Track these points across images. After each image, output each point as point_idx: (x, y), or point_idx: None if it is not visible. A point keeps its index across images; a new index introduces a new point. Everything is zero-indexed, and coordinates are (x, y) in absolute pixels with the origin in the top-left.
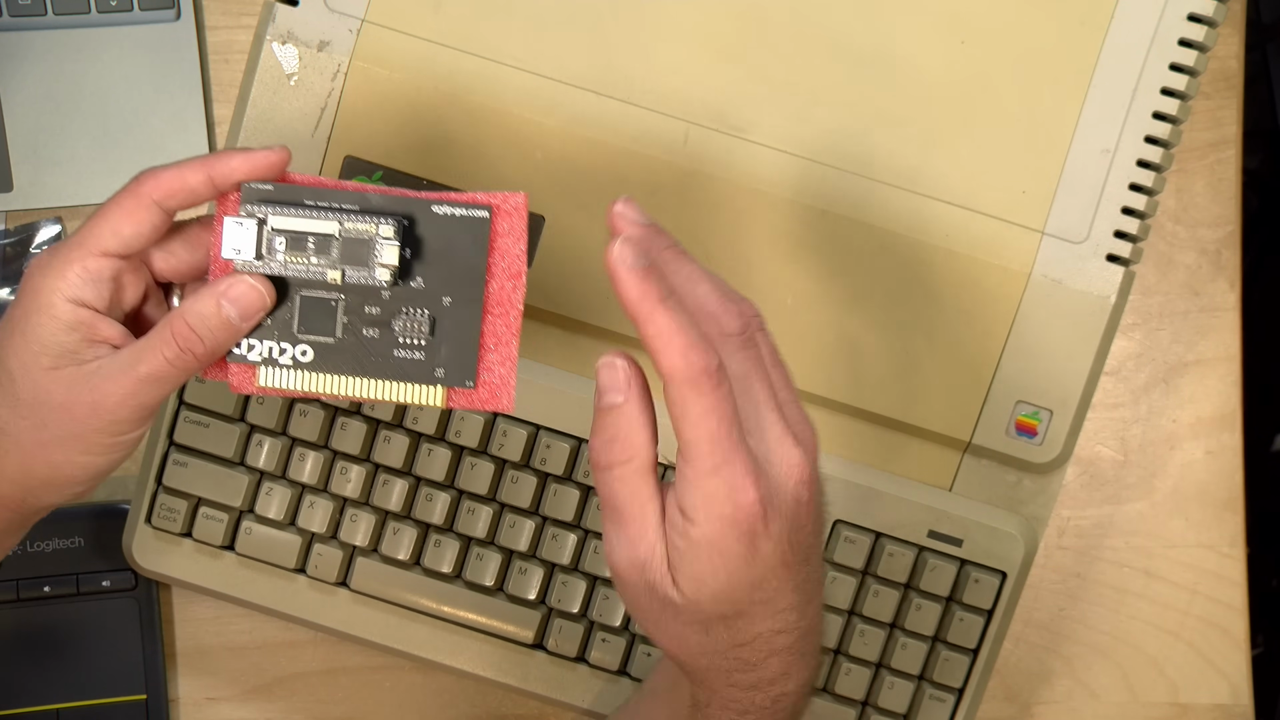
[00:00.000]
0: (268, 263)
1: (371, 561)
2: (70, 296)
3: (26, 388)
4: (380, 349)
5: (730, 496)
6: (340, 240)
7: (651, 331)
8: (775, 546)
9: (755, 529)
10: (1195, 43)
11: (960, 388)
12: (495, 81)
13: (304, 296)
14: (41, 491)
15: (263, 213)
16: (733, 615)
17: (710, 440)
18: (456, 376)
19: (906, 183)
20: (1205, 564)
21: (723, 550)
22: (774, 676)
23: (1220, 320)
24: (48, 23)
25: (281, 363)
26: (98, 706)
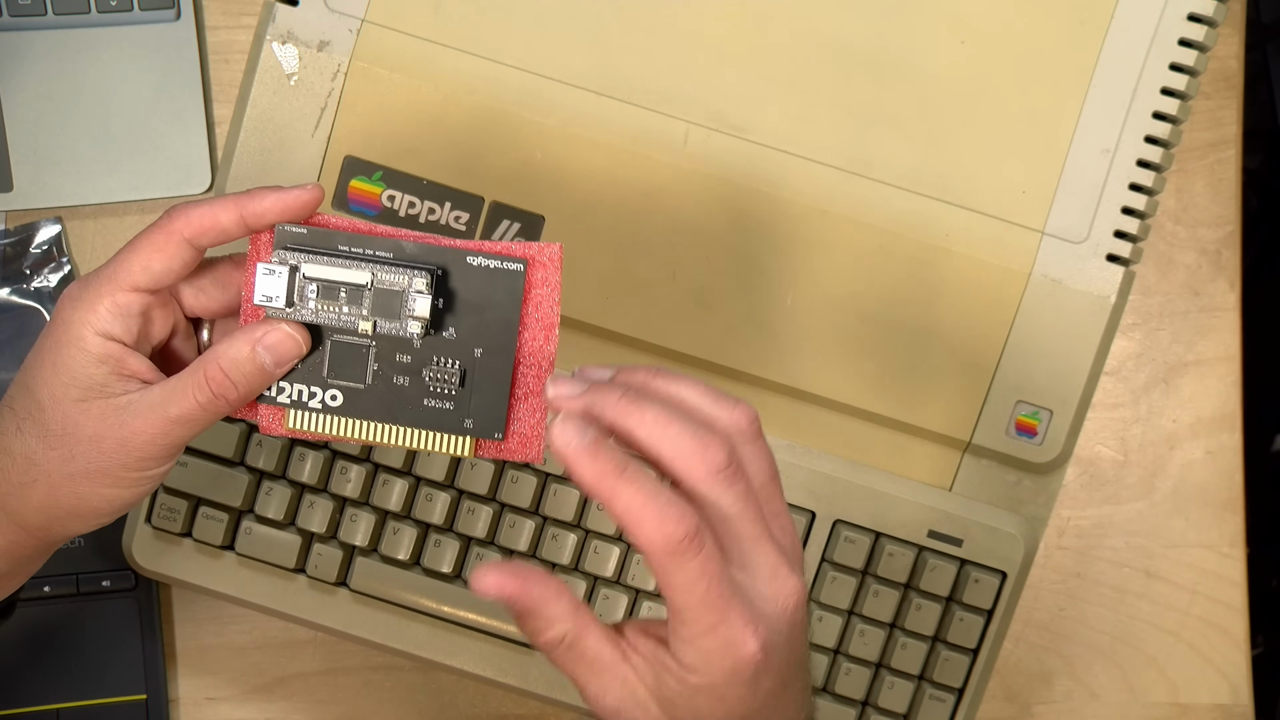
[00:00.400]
0: (299, 310)
1: (371, 561)
2: (100, 330)
3: (56, 419)
4: (410, 397)
5: (730, 651)
6: (372, 291)
7: (620, 509)
8: (774, 678)
9: (757, 672)
10: (1195, 43)
11: (960, 388)
12: (495, 81)
13: (335, 341)
14: (67, 521)
15: (295, 259)
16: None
17: (702, 603)
18: (486, 428)
19: (906, 183)
20: (1205, 564)
21: (723, 695)
22: None
23: (1220, 320)
24: (48, 23)
25: (311, 406)
26: (98, 706)
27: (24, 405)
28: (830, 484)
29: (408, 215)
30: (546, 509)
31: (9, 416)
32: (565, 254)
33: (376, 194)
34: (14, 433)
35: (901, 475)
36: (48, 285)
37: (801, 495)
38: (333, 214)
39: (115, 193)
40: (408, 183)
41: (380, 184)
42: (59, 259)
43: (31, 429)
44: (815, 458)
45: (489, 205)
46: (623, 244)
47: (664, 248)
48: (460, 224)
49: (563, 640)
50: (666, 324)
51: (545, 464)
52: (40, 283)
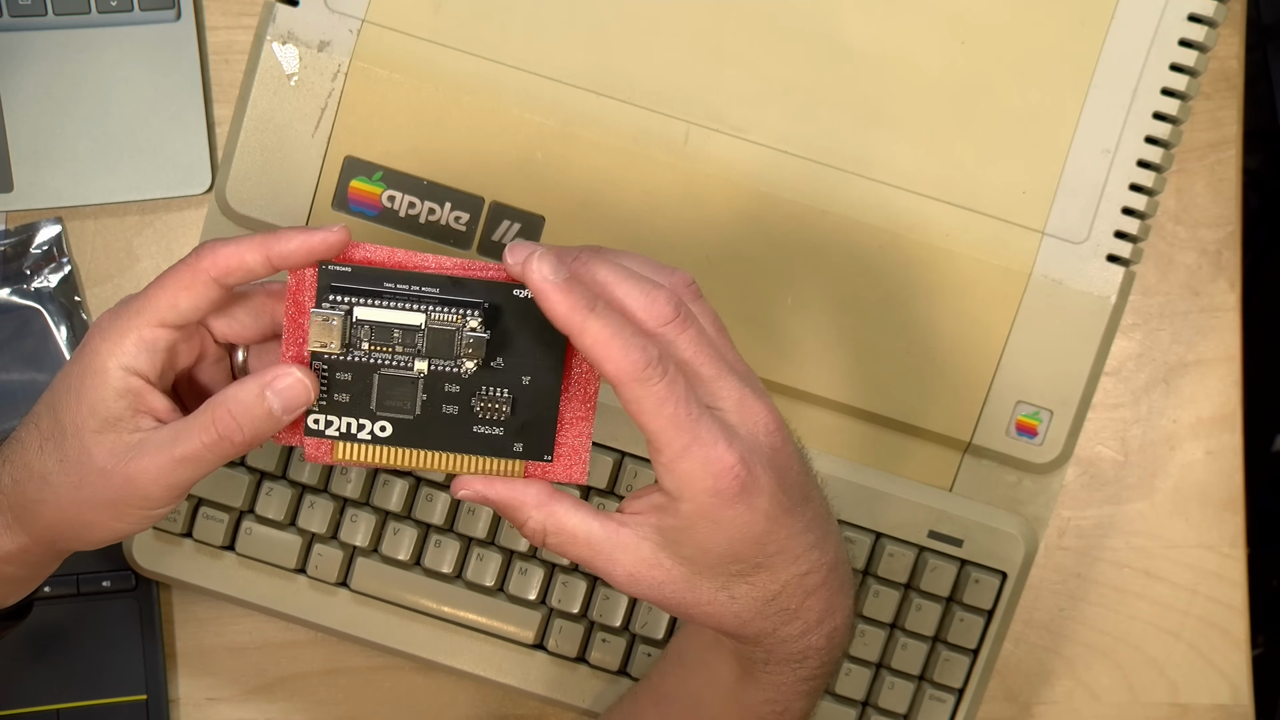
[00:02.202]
0: (352, 353)
1: (371, 562)
2: (124, 364)
3: (73, 446)
4: (459, 425)
5: (708, 468)
6: (427, 332)
7: (588, 341)
8: (769, 498)
9: (744, 487)
10: (1195, 43)
11: (960, 388)
12: (495, 81)
13: (383, 375)
14: (72, 541)
15: (347, 304)
16: (750, 571)
17: (673, 424)
18: (535, 451)
19: (906, 183)
20: (1205, 564)
21: (717, 518)
22: (820, 616)
23: (1220, 320)
24: (48, 23)
25: (360, 438)
26: (98, 706)
27: (48, 425)
28: (830, 484)
29: (408, 215)
30: None
31: (34, 433)
32: None
33: (376, 194)
34: (36, 450)
35: (901, 475)
36: (48, 285)
37: None
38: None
39: (115, 193)
40: (408, 183)
41: (380, 184)
42: (59, 259)
43: (51, 450)
44: (815, 458)
45: (489, 205)
46: (623, 244)
47: (664, 248)
48: (460, 224)
49: (543, 529)
50: None
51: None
52: (40, 283)
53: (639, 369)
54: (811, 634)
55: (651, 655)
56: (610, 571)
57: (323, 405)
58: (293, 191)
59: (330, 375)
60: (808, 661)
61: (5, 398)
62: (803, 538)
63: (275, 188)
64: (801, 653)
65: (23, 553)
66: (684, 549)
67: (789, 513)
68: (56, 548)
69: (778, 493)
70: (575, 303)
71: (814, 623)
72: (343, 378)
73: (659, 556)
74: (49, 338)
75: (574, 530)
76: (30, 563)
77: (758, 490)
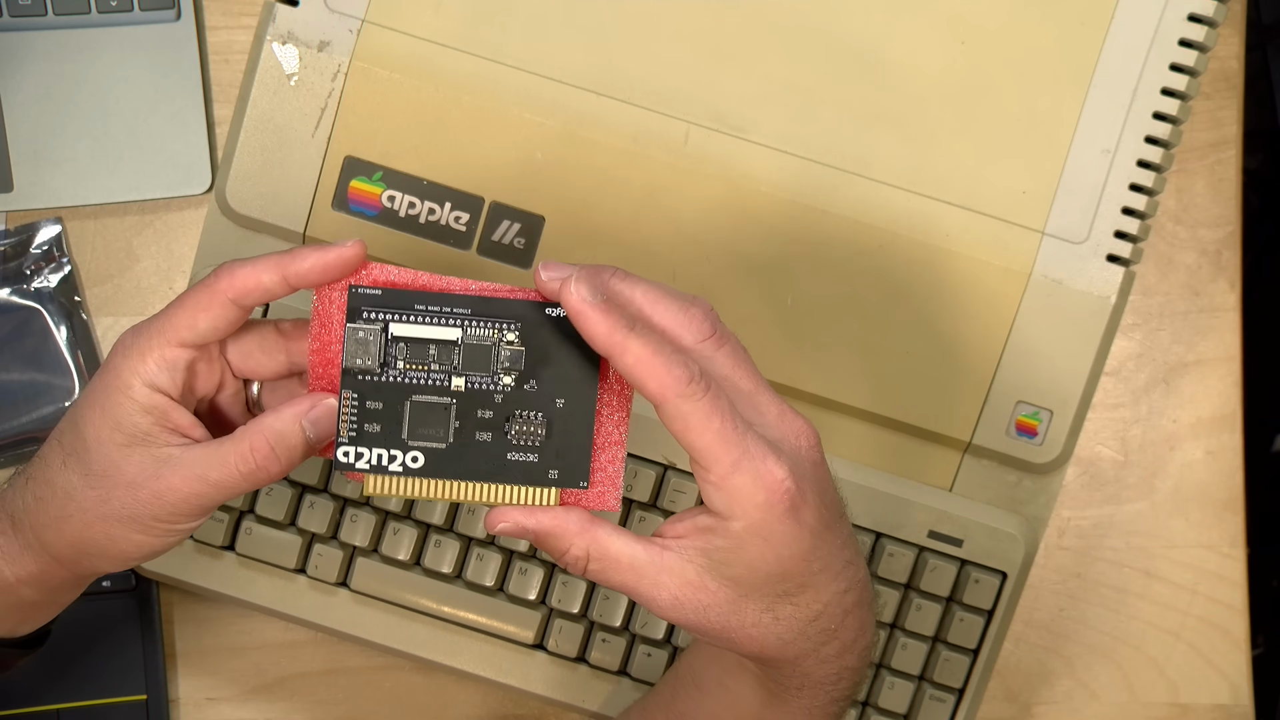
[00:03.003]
0: (387, 373)
1: (371, 561)
2: (147, 381)
3: (99, 460)
4: (494, 452)
5: (759, 482)
6: (463, 347)
7: (630, 361)
8: (814, 513)
9: (794, 503)
10: (1195, 43)
11: (960, 388)
12: (495, 81)
13: (415, 402)
14: (96, 560)
15: (383, 320)
16: (795, 590)
17: (721, 440)
18: (571, 478)
19: (906, 183)
20: (1205, 564)
21: (768, 534)
22: (855, 634)
23: (1220, 320)
24: (48, 23)
25: (391, 470)
26: (98, 706)
27: (71, 442)
28: None
29: (408, 215)
30: None
31: (57, 450)
32: (565, 253)
33: (376, 194)
34: (59, 466)
35: (901, 475)
36: (48, 285)
37: None
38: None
39: (115, 193)
40: (408, 183)
41: (380, 184)
42: (59, 259)
43: (75, 466)
44: None
45: (489, 205)
46: (623, 244)
47: (664, 248)
48: (460, 224)
49: (586, 556)
50: None
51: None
52: (40, 283)
53: (683, 385)
54: (848, 654)
55: (651, 655)
56: (655, 596)
57: (353, 437)
58: (293, 191)
59: (360, 405)
60: (841, 683)
61: (5, 398)
62: (842, 554)
63: (275, 188)
64: (837, 674)
65: (43, 574)
66: (732, 569)
67: (830, 528)
68: (79, 568)
69: (821, 508)
70: (615, 323)
71: (850, 641)
72: (373, 406)
73: (704, 579)
74: (49, 338)
75: (617, 556)
76: (50, 587)
77: (806, 505)
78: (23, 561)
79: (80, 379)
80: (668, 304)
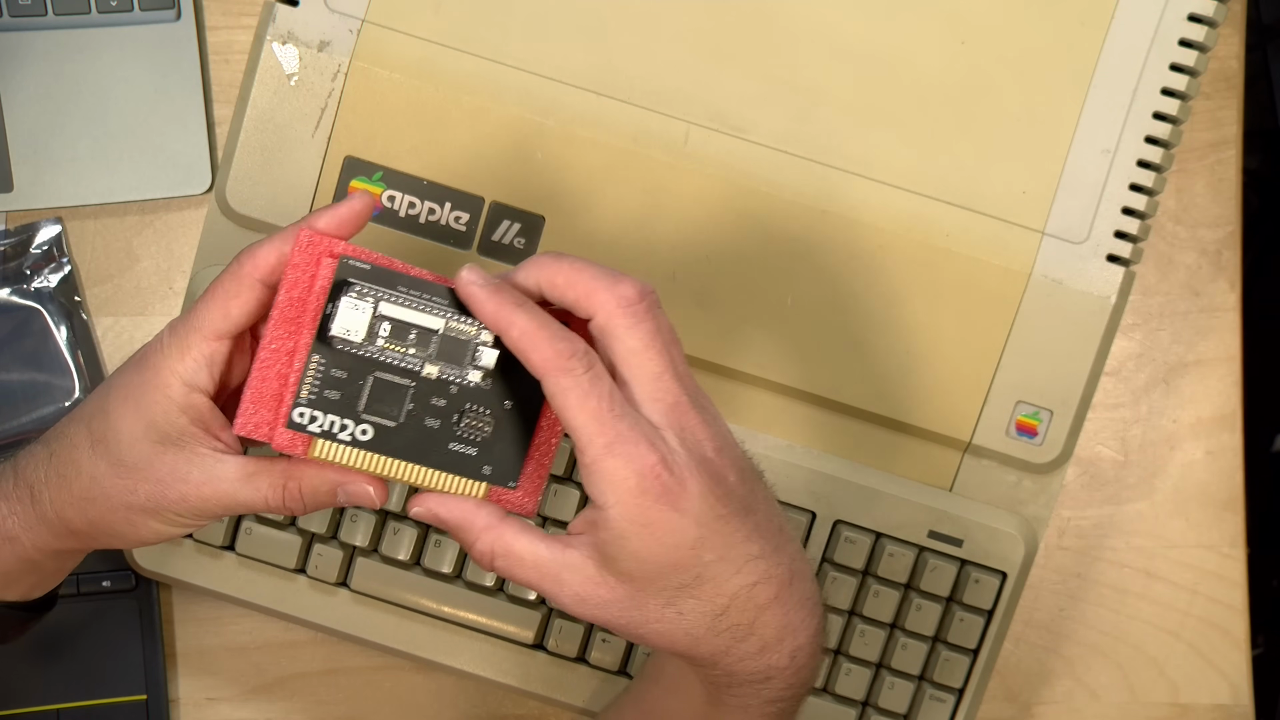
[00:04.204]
0: (366, 347)
1: (371, 561)
2: (187, 380)
3: (130, 455)
4: (438, 439)
5: (630, 466)
6: (441, 336)
7: (515, 334)
8: (700, 501)
9: (668, 487)
10: (1195, 43)
11: (960, 388)
12: (495, 81)
13: (378, 378)
14: (113, 540)
15: (373, 295)
16: (692, 583)
17: (596, 420)
18: (501, 476)
19: (906, 183)
20: (1205, 564)
21: (645, 520)
22: (778, 633)
23: (1220, 320)
24: (48, 23)
25: (340, 439)
26: (98, 706)
27: (100, 429)
28: (830, 484)
29: (408, 215)
30: (546, 509)
31: (84, 433)
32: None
33: (376, 194)
34: (87, 450)
35: (902, 475)
36: (48, 285)
37: (801, 495)
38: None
39: (115, 193)
40: (408, 183)
41: (380, 184)
42: (59, 259)
43: (104, 454)
44: (815, 458)
45: (489, 205)
46: (623, 244)
47: (664, 248)
48: (460, 224)
49: (491, 551)
50: None
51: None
52: (40, 283)
53: (563, 358)
54: (771, 652)
55: (651, 655)
56: (557, 594)
57: (311, 400)
58: (293, 191)
59: (325, 371)
60: (772, 682)
61: (5, 398)
62: (744, 547)
63: (275, 188)
64: (763, 672)
65: (58, 545)
66: (622, 562)
67: (724, 520)
68: (94, 544)
69: (709, 497)
70: (501, 301)
71: (772, 640)
72: (337, 375)
73: (603, 574)
74: (49, 338)
75: (520, 553)
76: (62, 554)
77: (684, 493)
78: (39, 531)
79: (80, 379)
80: (593, 272)
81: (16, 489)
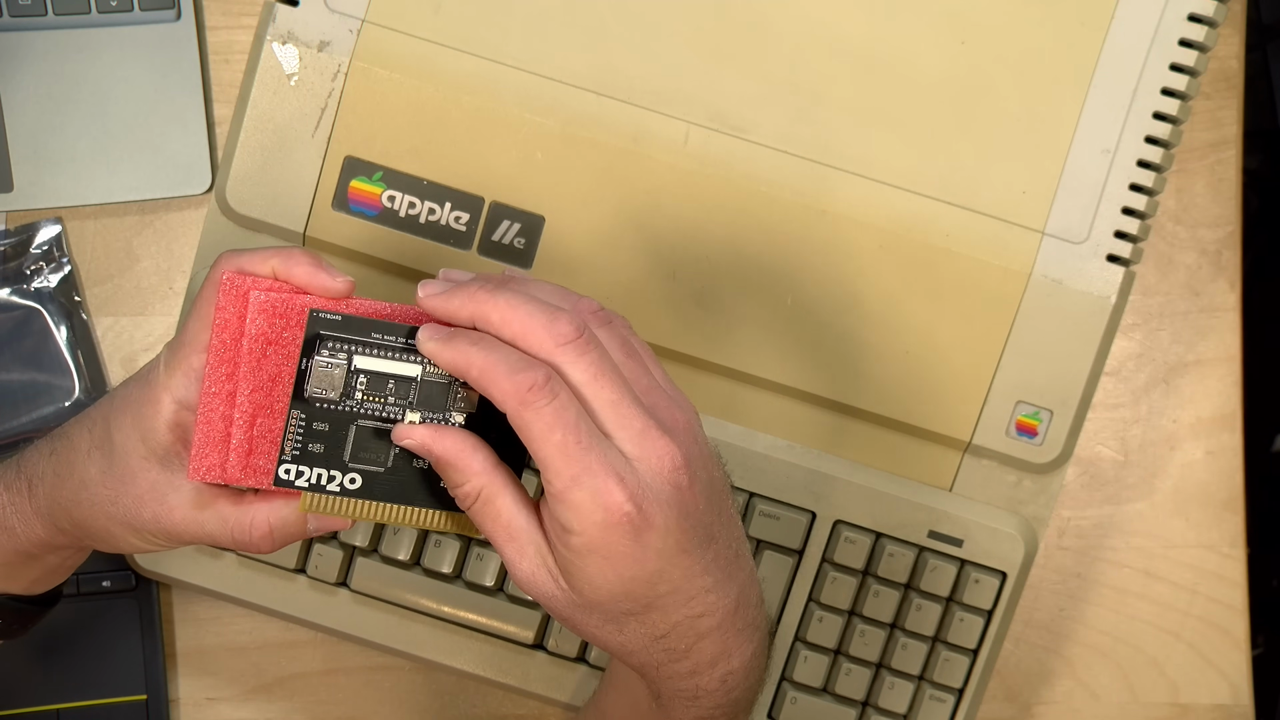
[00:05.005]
0: (345, 402)
1: (371, 561)
2: (176, 397)
3: (119, 464)
4: (427, 478)
5: (597, 501)
6: (420, 382)
7: (475, 375)
8: (665, 537)
9: (634, 523)
10: (1195, 43)
11: (960, 388)
12: (495, 81)
13: (360, 427)
14: (96, 544)
15: (346, 351)
16: (641, 610)
17: (561, 453)
18: None
19: (906, 183)
20: (1205, 564)
21: (607, 554)
22: (712, 658)
23: (1220, 320)
24: (48, 23)
25: (329, 490)
26: (98, 706)
27: (100, 435)
28: (830, 484)
29: (408, 215)
30: None
31: (86, 437)
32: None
33: (376, 194)
34: (84, 453)
35: (901, 475)
36: (48, 285)
37: (801, 495)
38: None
39: (115, 193)
40: (408, 183)
41: (380, 184)
42: (59, 259)
43: (98, 459)
44: (815, 458)
45: (489, 205)
46: (623, 244)
47: (664, 248)
48: (460, 224)
49: (478, 495)
50: (666, 324)
51: None
52: (40, 283)
53: (523, 390)
54: (702, 675)
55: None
56: (516, 562)
57: (296, 456)
58: (293, 191)
59: (307, 426)
60: (700, 701)
61: (5, 398)
62: (699, 580)
63: (275, 188)
64: (691, 691)
65: (50, 540)
66: (576, 579)
67: (686, 553)
68: (80, 544)
69: (675, 532)
70: (458, 347)
71: (705, 664)
72: (319, 428)
73: (557, 575)
74: (49, 338)
75: (500, 509)
76: (57, 549)
77: (650, 529)
78: (34, 525)
79: (80, 379)
80: (531, 309)
81: (18, 481)
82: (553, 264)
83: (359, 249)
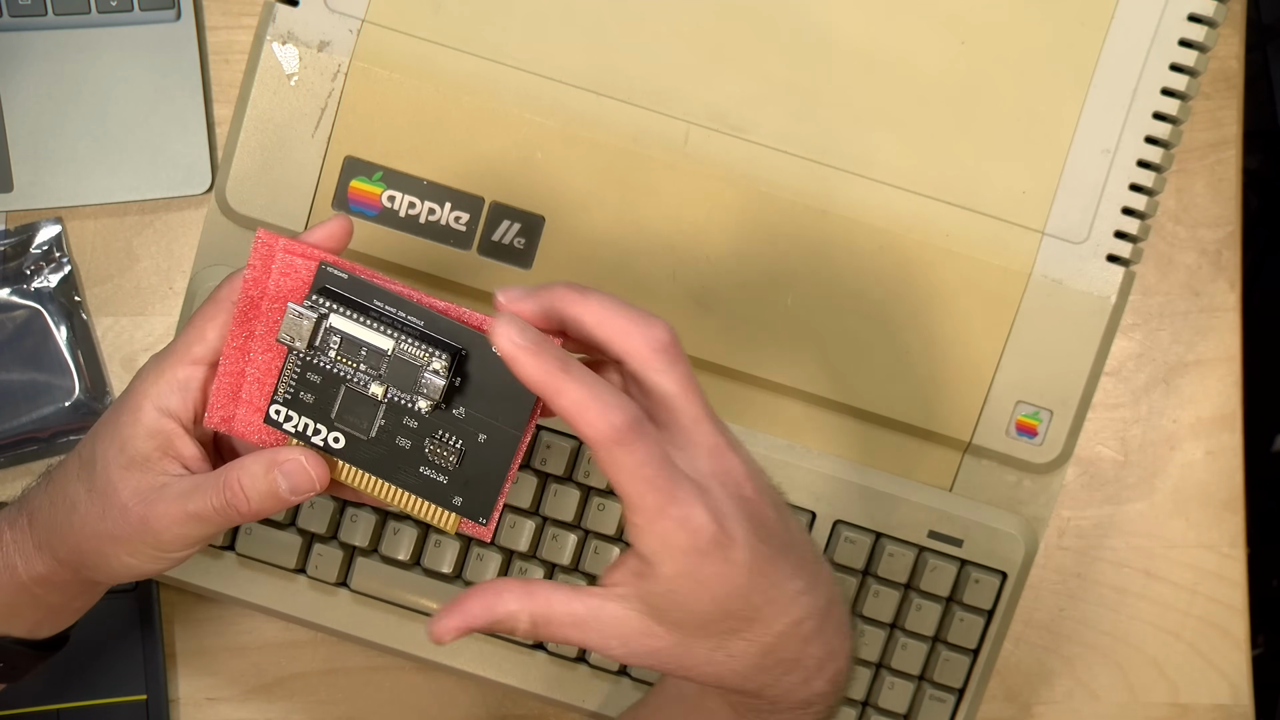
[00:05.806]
0: (317, 355)
1: (371, 561)
2: (158, 404)
3: (101, 478)
4: (409, 460)
5: (683, 526)
6: (391, 358)
7: (565, 404)
8: (747, 550)
9: (720, 543)
10: (1195, 43)
11: (960, 388)
12: (495, 81)
13: (348, 389)
14: (92, 571)
15: (326, 308)
16: (742, 627)
17: (650, 487)
18: (472, 510)
19: (907, 183)
20: (1205, 564)
21: (697, 577)
22: (821, 661)
23: (1220, 320)
24: (48, 23)
25: (313, 442)
26: (98, 706)
27: (87, 455)
28: (830, 484)
29: (408, 215)
30: (546, 509)
31: (75, 460)
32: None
33: (376, 194)
34: (74, 476)
35: (901, 475)
36: (48, 285)
37: (801, 495)
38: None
39: (115, 193)
40: (408, 183)
41: (380, 184)
42: (59, 259)
43: (84, 478)
44: (815, 458)
45: (489, 205)
46: (623, 244)
47: (664, 248)
48: (460, 224)
49: (534, 624)
50: None
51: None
52: (40, 283)
53: (617, 430)
54: (815, 680)
55: None
56: (604, 646)
57: (288, 399)
58: (293, 191)
59: (301, 374)
60: (813, 707)
61: (5, 398)
62: (789, 585)
63: (275, 188)
64: (806, 700)
65: (50, 575)
66: (671, 613)
67: (770, 562)
68: (80, 575)
69: (755, 544)
70: (548, 365)
71: (815, 669)
72: (312, 379)
73: (649, 624)
74: (49, 338)
75: (560, 618)
76: (58, 586)
77: (733, 544)
78: (35, 560)
79: (80, 379)
80: (625, 315)
81: (19, 518)
82: (553, 264)
83: (359, 249)
